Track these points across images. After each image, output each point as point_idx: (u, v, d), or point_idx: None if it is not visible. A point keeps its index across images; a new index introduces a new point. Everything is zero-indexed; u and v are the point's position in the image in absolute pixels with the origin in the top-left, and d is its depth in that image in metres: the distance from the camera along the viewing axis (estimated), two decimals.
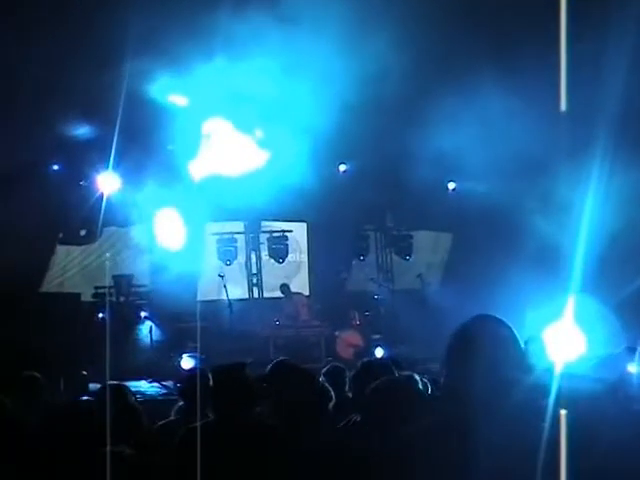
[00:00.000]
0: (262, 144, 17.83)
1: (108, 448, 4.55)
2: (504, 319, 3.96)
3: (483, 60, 13.90)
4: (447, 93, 14.30)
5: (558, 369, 6.14)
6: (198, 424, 5.35)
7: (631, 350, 7.93)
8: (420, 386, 5.73)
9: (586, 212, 12.62)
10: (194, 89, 15.88)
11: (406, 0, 13.14)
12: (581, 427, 3.97)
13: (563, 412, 3.77)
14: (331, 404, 5.94)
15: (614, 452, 4.48)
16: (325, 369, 8.01)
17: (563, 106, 6.12)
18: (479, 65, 13.93)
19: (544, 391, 3.89)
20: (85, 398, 7.17)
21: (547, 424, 3.65)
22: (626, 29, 12.13)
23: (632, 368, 7.34)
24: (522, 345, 4.04)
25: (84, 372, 13.84)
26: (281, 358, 6.57)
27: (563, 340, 13.13)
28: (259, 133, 17.77)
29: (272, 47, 14.13)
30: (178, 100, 16.54)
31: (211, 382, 5.74)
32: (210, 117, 17.22)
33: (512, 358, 3.83)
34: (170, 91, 16.17)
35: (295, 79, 14.83)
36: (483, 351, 3.78)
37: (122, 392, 6.74)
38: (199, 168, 18.03)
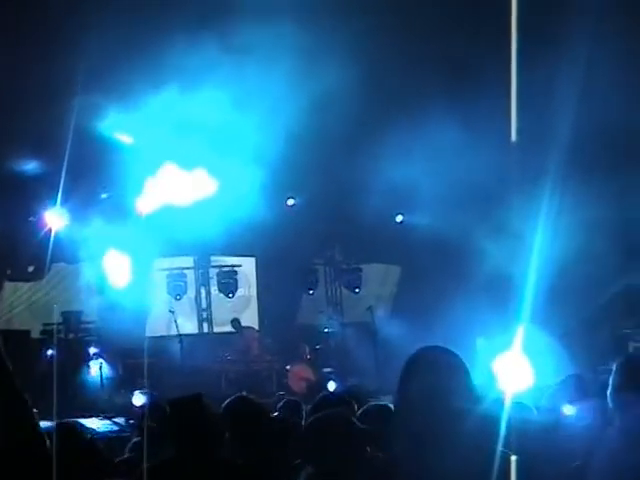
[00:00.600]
0: (210, 177, 17.82)
1: None
2: (453, 349, 4.00)
3: (433, 92, 14.06)
4: (396, 126, 14.45)
5: (508, 399, 6.21)
6: (145, 459, 5.24)
7: (574, 379, 8.04)
8: None
9: (536, 243, 12.79)
10: (142, 123, 15.86)
11: (356, 33, 13.26)
12: (530, 459, 4.03)
13: (513, 458, 3.81)
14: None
15: None
16: (281, 403, 8.03)
17: (513, 137, 6.22)
18: (429, 97, 14.09)
19: (493, 421, 3.93)
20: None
21: (497, 455, 3.69)
22: (576, 60, 12.36)
23: (568, 410, 7.43)
24: (471, 375, 4.09)
25: (34, 410, 13.64)
26: (239, 394, 6.54)
27: (512, 370, 13.29)
28: (207, 166, 17.74)
29: (220, 79, 14.21)
30: (125, 135, 16.53)
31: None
32: (158, 152, 17.17)
33: (461, 388, 3.87)
34: (118, 127, 16.15)
35: (243, 111, 14.90)
36: (431, 380, 3.81)
37: (76, 431, 6.67)
38: (146, 204, 17.98)
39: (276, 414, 7.46)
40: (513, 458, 3.77)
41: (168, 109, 15.00)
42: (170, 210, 17.98)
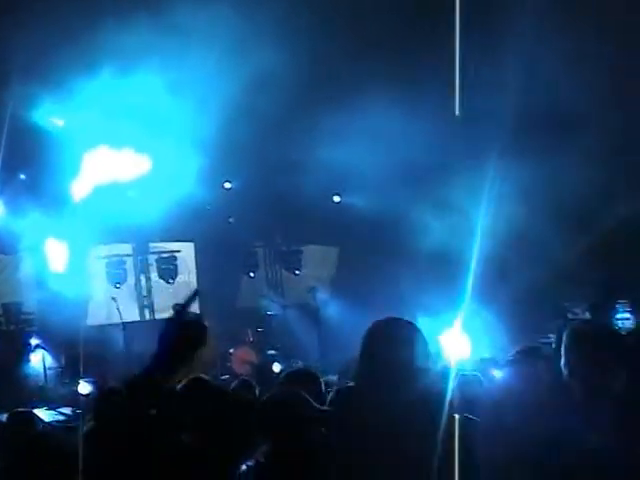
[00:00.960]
0: (144, 157, 17.73)
1: None
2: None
3: (370, 70, 14.12)
4: (332, 106, 14.47)
5: (453, 370, 6.39)
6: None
7: (525, 352, 8.21)
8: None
9: (476, 220, 12.96)
10: (76, 109, 15.73)
11: (290, 12, 13.26)
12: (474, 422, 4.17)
13: (457, 416, 3.95)
14: None
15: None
16: (234, 385, 8.10)
17: (457, 110, 6.32)
18: (365, 75, 14.15)
19: (439, 392, 4.06)
20: None
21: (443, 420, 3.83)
22: (518, 36, 12.49)
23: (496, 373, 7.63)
24: (424, 343, 4.22)
25: None
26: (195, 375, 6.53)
27: (453, 346, 13.55)
28: (142, 150, 17.65)
29: (154, 62, 14.14)
30: (59, 122, 16.38)
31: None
32: (93, 136, 17.04)
33: (420, 350, 4.00)
34: (51, 113, 16.01)
35: (178, 93, 14.86)
36: (395, 343, 3.93)
37: (32, 420, 6.68)
38: (81, 189, 17.84)
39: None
40: (457, 417, 3.94)
41: (102, 93, 14.89)
42: (106, 197, 17.85)
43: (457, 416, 4.00)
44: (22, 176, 17.68)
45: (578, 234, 16.19)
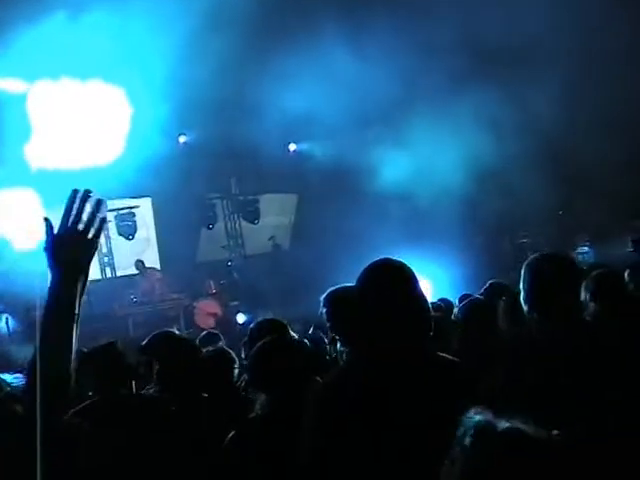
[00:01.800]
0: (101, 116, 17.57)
1: None
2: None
3: (320, 19, 14.03)
4: (286, 52, 14.39)
5: None
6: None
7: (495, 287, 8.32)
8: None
9: (432, 159, 13.00)
10: (26, 68, 15.53)
11: None
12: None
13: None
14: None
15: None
16: (200, 337, 8.14)
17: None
18: (318, 20, 14.05)
19: None
20: None
21: None
22: None
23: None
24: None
25: None
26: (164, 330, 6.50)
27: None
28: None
29: (105, 3, 13.94)
30: (10, 83, 16.18)
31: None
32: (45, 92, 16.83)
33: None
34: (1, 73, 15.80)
35: (128, 43, 14.63)
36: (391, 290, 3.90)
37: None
38: (35, 151, 17.66)
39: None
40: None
41: (53, 49, 14.65)
42: (60, 155, 17.68)
43: None
44: None
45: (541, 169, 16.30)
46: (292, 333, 6.00)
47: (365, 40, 13.65)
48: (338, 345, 5.28)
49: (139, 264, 19.93)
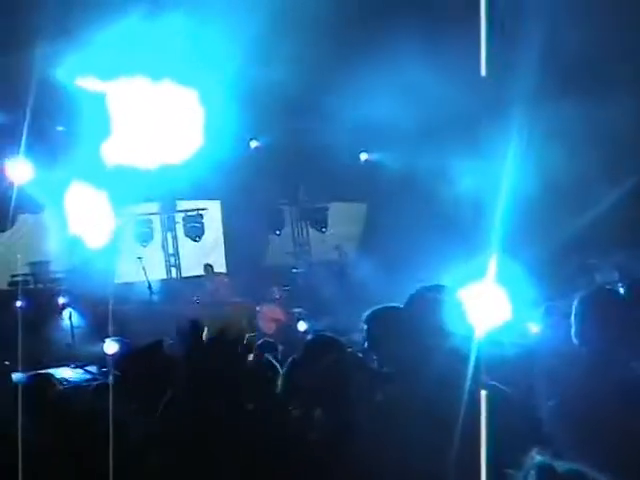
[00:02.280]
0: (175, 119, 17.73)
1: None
2: (421, 280, 4.01)
3: (399, 26, 13.94)
4: (361, 61, 14.33)
5: (477, 333, 6.28)
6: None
7: (549, 309, 8.14)
8: None
9: (505, 174, 12.81)
10: (104, 69, 15.70)
11: None
12: (500, 395, 4.08)
13: (484, 393, 3.86)
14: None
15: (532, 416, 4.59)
16: (257, 344, 8.13)
17: (483, 71, 6.19)
18: (394, 31, 13.97)
19: (463, 357, 3.96)
20: None
21: (466, 390, 3.74)
22: None
23: (535, 328, 7.54)
24: (443, 311, 4.12)
25: (6, 362, 13.66)
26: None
27: (484, 302, 13.34)
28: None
29: (179, 8, 14.01)
30: (88, 82, 16.35)
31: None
32: (124, 94, 17.04)
33: (434, 325, 3.92)
34: (79, 73, 15.96)
35: (207, 45, 14.70)
36: (404, 322, 3.85)
37: (50, 382, 6.68)
38: (112, 150, 17.87)
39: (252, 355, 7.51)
40: (483, 393, 3.83)
41: (129, 48, 14.79)
42: (134, 156, 17.87)
43: (483, 392, 3.91)
44: (50, 136, 17.64)
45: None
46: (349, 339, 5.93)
47: (441, 50, 13.53)
48: None
49: (208, 269, 20.02)
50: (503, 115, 14.29)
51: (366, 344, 5.23)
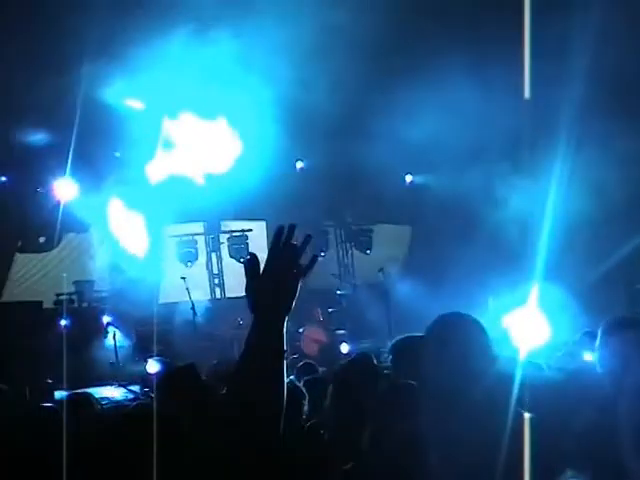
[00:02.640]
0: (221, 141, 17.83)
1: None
2: (466, 308, 3.98)
3: (443, 49, 13.91)
4: (406, 85, 14.30)
5: (522, 357, 6.20)
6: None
7: (590, 335, 8.01)
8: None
9: (549, 199, 12.72)
10: (150, 90, 15.81)
11: None
12: (543, 419, 4.01)
13: (527, 416, 3.80)
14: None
15: (576, 442, 4.51)
16: (298, 367, 8.11)
17: (527, 94, 6.14)
18: (439, 55, 13.94)
19: (508, 381, 3.91)
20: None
21: (510, 415, 3.68)
22: (589, 15, 12.21)
23: (589, 357, 7.41)
24: (489, 337, 4.07)
25: (49, 380, 13.73)
26: None
27: (526, 327, 13.23)
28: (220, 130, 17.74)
29: (226, 30, 14.07)
30: (134, 103, 16.48)
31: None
32: (168, 117, 17.17)
33: (479, 351, 3.86)
34: (127, 94, 16.09)
35: (251, 68, 14.76)
36: (453, 348, 3.80)
37: (88, 401, 6.68)
38: (157, 170, 17.99)
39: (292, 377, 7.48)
40: (527, 416, 3.77)
41: (174, 70, 14.89)
42: (179, 176, 18.00)
43: (527, 415, 3.85)
44: (97, 156, 17.79)
45: None
46: None
47: (487, 71, 13.47)
48: None
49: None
50: (550, 136, 14.18)
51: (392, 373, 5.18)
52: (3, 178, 17.86)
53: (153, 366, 15.27)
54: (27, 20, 12.87)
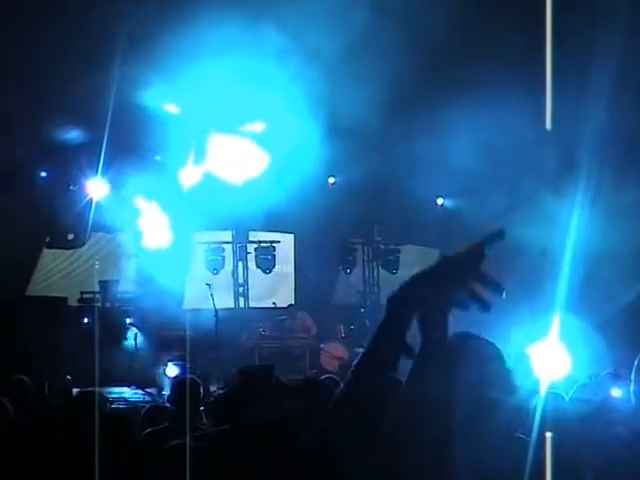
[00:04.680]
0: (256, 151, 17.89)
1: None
2: (488, 337, 3.92)
3: (473, 75, 13.91)
4: (439, 107, 14.29)
5: (543, 389, 6.14)
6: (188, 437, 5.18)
7: (614, 375, 7.95)
8: None
9: (572, 229, 12.64)
10: (186, 96, 15.86)
11: (404, 14, 13.10)
12: (566, 450, 3.94)
13: (549, 435, 3.73)
14: None
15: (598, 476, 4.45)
16: (322, 378, 8.06)
17: (548, 125, 6.13)
18: (471, 81, 13.94)
19: (528, 413, 3.85)
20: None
21: (532, 446, 3.62)
22: (611, 47, 12.16)
23: (616, 392, 7.34)
24: (507, 364, 4.00)
25: (68, 377, 13.79)
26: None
27: (548, 358, 13.11)
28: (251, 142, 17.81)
29: (265, 51, 14.10)
30: (170, 108, 16.53)
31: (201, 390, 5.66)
32: (203, 122, 17.23)
33: (496, 378, 3.79)
34: (162, 98, 16.15)
35: (290, 79, 14.78)
36: (466, 370, 3.74)
37: (99, 400, 6.65)
38: (189, 176, 18.06)
39: None
40: (549, 449, 3.71)
41: (212, 77, 14.91)
42: (212, 183, 18.04)
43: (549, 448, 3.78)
44: (129, 157, 17.86)
45: None
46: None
47: (514, 101, 13.44)
48: None
49: (292, 308, 19.99)
50: (574, 166, 14.13)
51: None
52: (43, 174, 17.99)
53: (172, 370, 15.32)
54: (65, 18, 12.93)
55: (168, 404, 7.64)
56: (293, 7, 12.82)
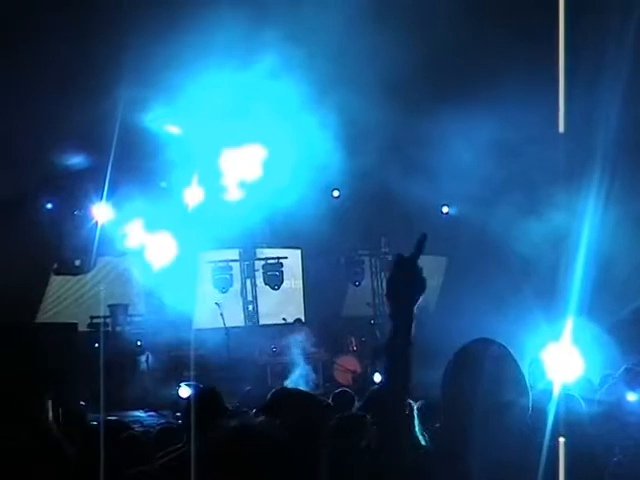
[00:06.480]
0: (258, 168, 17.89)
1: None
2: (501, 341, 3.92)
3: (478, 82, 13.90)
4: (441, 117, 14.30)
5: (556, 390, 6.11)
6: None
7: (630, 371, 7.89)
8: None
9: (583, 233, 12.62)
10: (187, 114, 15.89)
11: (413, 20, 13.10)
12: (579, 451, 3.93)
13: (562, 440, 3.72)
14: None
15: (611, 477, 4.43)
16: (334, 393, 8.05)
17: (561, 128, 6.09)
18: (474, 88, 13.93)
19: (541, 413, 3.85)
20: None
21: (545, 445, 3.61)
22: (623, 52, 12.16)
23: (631, 397, 7.30)
24: (520, 367, 4.00)
25: (82, 402, 13.73)
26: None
27: (561, 362, 13.05)
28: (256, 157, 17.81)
29: (264, 64, 14.13)
30: (172, 129, 16.55)
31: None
32: (206, 142, 17.23)
33: (510, 380, 3.79)
34: (164, 120, 16.17)
35: (293, 99, 14.81)
36: (481, 372, 3.74)
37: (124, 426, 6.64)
38: (194, 195, 18.05)
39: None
40: (562, 440, 3.70)
41: (213, 96, 14.94)
42: (216, 202, 18.03)
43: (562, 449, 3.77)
44: (134, 181, 17.87)
45: None
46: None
47: (523, 105, 13.43)
48: None
49: (298, 322, 19.92)
50: (586, 169, 14.10)
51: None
52: (49, 205, 18.02)
53: (185, 391, 15.26)
54: (67, 46, 12.98)
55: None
56: (296, 20, 12.89)
